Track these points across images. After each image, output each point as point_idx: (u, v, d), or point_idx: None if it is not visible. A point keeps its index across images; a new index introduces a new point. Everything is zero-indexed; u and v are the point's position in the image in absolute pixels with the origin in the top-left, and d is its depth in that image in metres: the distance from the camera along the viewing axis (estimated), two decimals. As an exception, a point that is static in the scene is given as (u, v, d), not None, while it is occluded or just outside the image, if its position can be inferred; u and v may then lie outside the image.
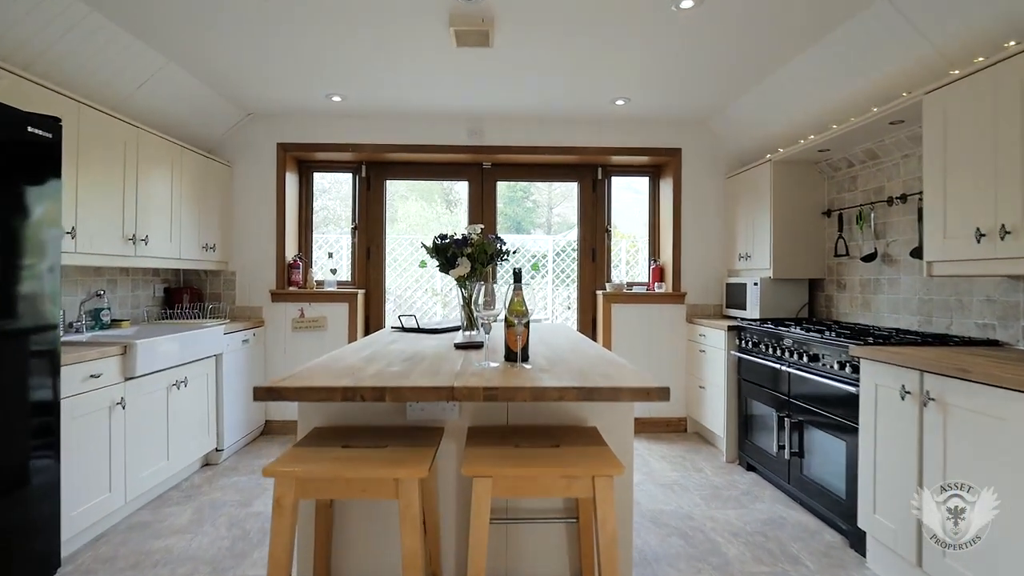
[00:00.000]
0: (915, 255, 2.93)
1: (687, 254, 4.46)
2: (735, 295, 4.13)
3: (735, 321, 3.86)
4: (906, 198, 3.02)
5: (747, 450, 3.58)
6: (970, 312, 2.67)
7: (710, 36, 2.88)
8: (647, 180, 4.79)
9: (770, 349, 3.25)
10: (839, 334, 2.75)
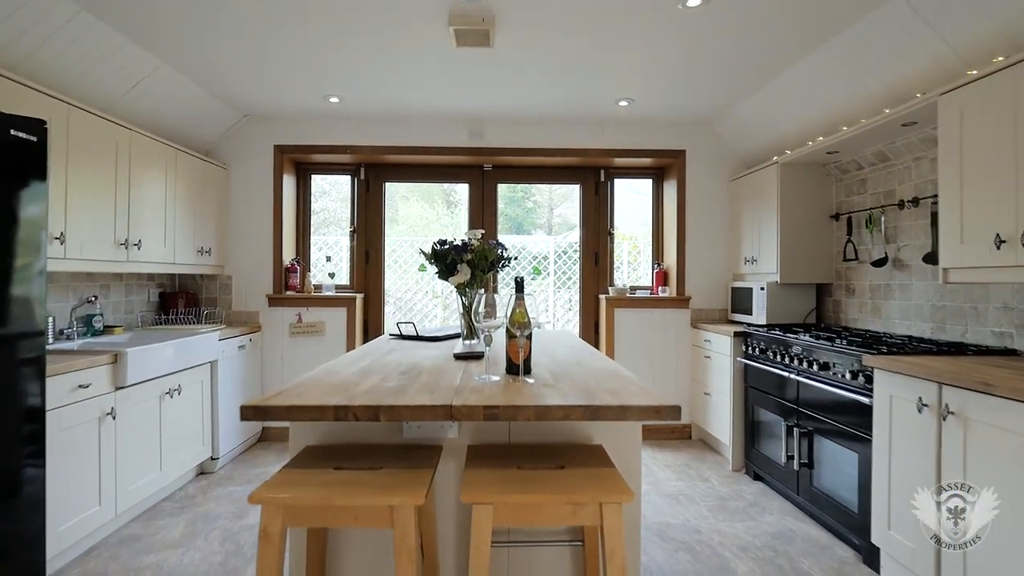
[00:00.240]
0: (928, 260, 2.85)
1: (691, 258, 4.38)
2: (741, 300, 4.05)
3: (741, 327, 3.78)
4: (918, 201, 2.94)
5: (754, 459, 3.49)
6: (986, 320, 2.58)
7: (716, 35, 2.81)
8: (650, 182, 4.71)
9: (778, 356, 3.17)
10: (850, 342, 2.67)
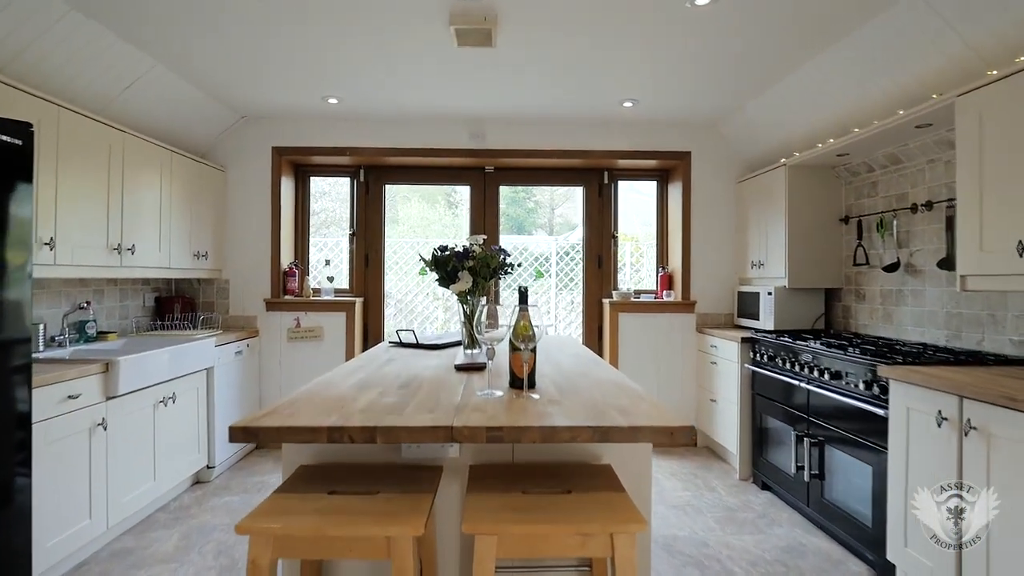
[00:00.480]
0: (943, 266, 2.76)
1: (697, 261, 4.30)
2: (747, 304, 3.97)
3: (748, 332, 3.70)
4: (932, 205, 2.86)
5: (761, 468, 3.41)
6: (1004, 328, 2.50)
7: (724, 34, 2.73)
8: (655, 184, 4.63)
9: (787, 364, 3.09)
10: (863, 351, 2.59)
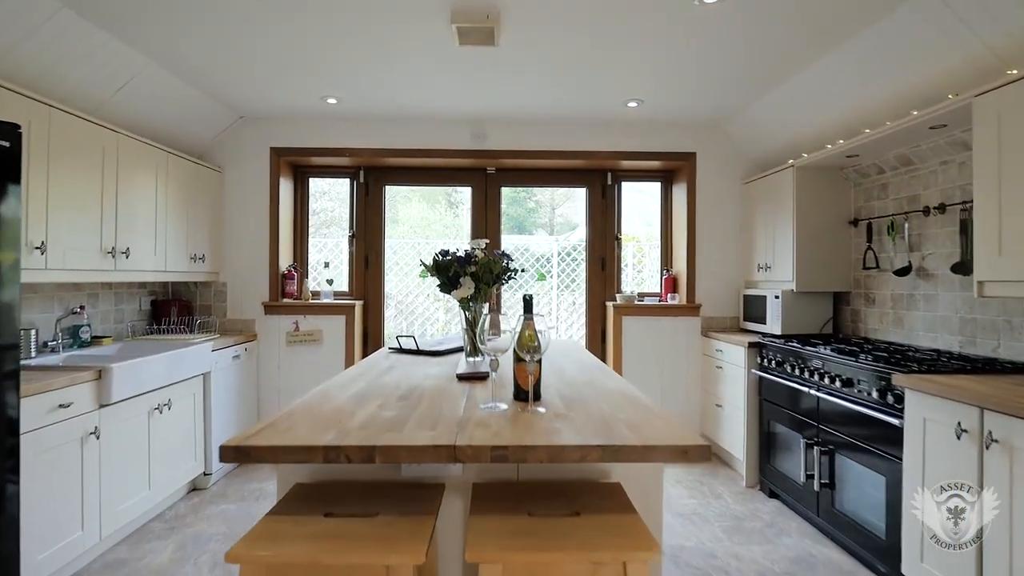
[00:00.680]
0: (957, 271, 2.69)
1: (702, 264, 4.23)
2: (754, 308, 3.90)
3: (755, 336, 3.63)
4: (945, 208, 2.79)
5: (769, 475, 3.35)
6: (1020, 334, 2.43)
7: (731, 33, 2.66)
8: (659, 185, 4.56)
9: (796, 370, 3.02)
10: (876, 357, 2.52)
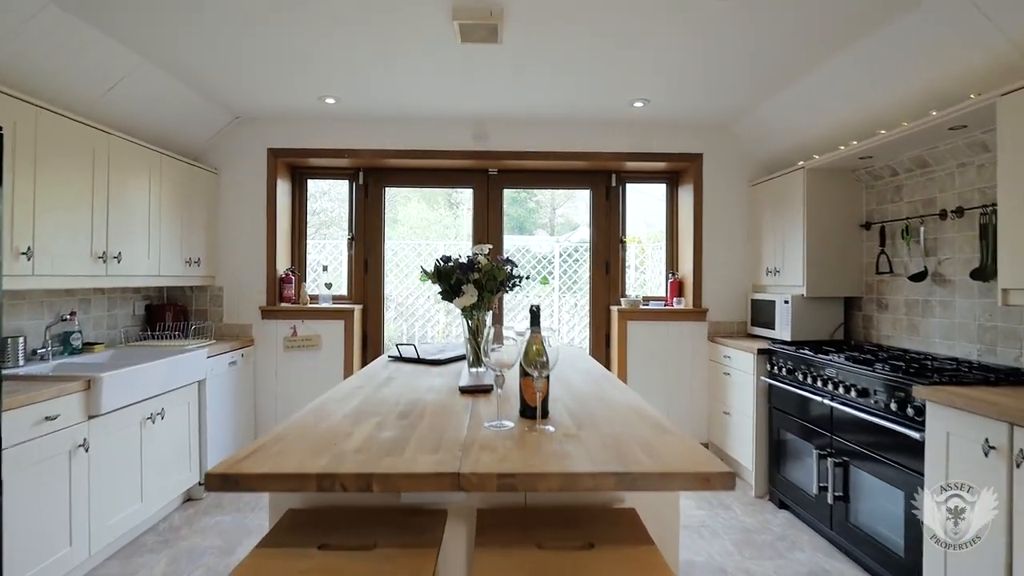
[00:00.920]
0: (977, 277, 2.60)
1: (708, 267, 4.14)
2: (762, 312, 3.81)
3: (764, 342, 3.54)
4: (963, 212, 2.70)
5: (779, 485, 3.26)
6: (1044, 343, 2.35)
7: (745, 29, 2.57)
8: (664, 187, 4.48)
9: (808, 378, 2.93)
10: (893, 367, 2.43)
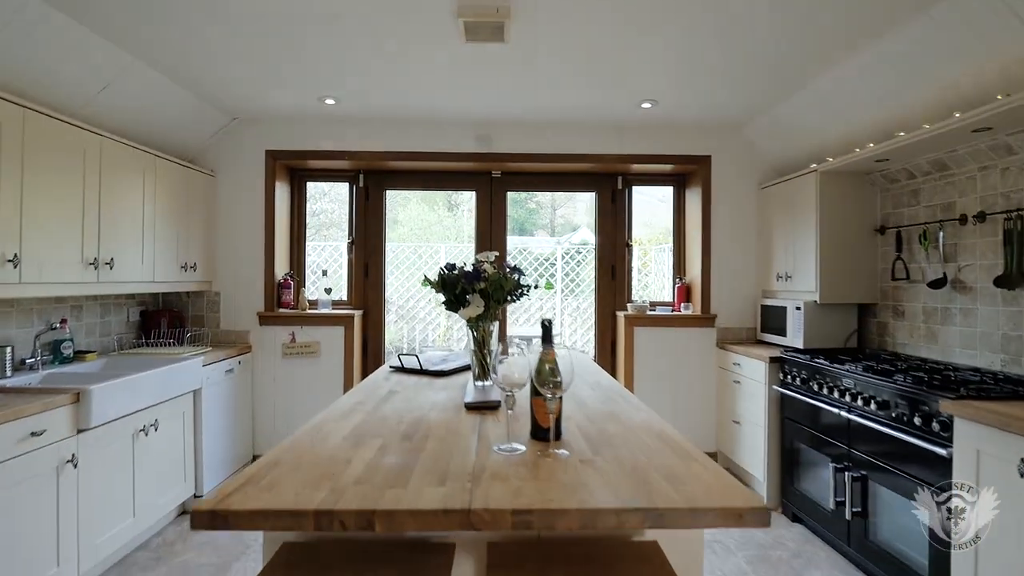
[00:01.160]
0: (1000, 284, 2.50)
1: (717, 272, 4.04)
2: (772, 319, 3.71)
3: (775, 350, 3.44)
4: (985, 217, 2.61)
5: (792, 498, 3.16)
6: (1074, 355, 2.25)
7: (759, 26, 2.47)
8: (666, 188, 4.38)
9: (824, 389, 2.84)
10: (916, 379, 2.33)
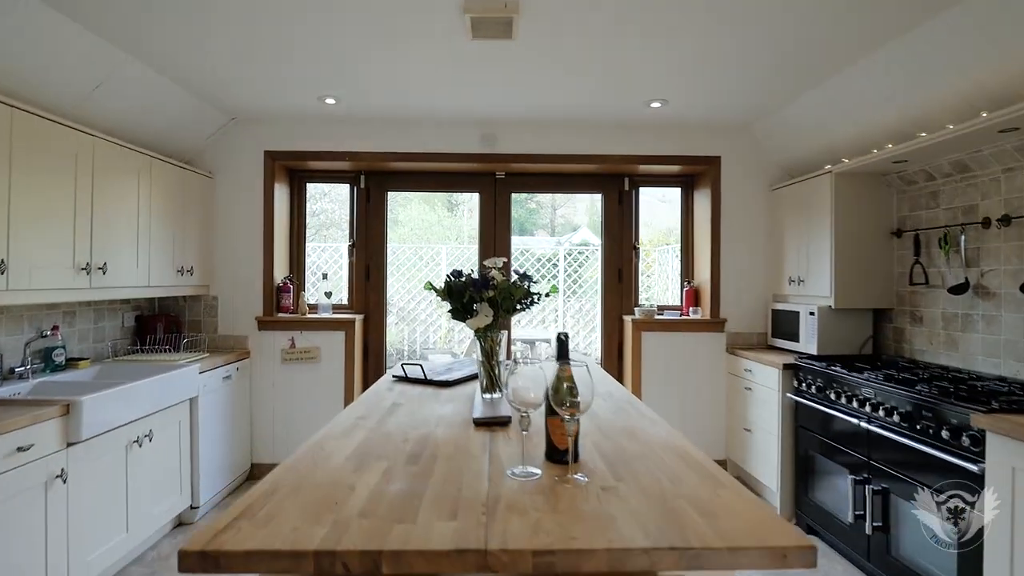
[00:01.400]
0: (1027, 291, 2.42)
1: (727, 276, 3.94)
2: (784, 323, 3.62)
3: (786, 355, 3.35)
4: (1010, 220, 2.52)
5: (806, 509, 3.07)
6: (1107, 365, 2.16)
7: (774, 22, 2.38)
8: (679, 191, 4.29)
9: (842, 398, 2.74)
10: (941, 390, 2.24)
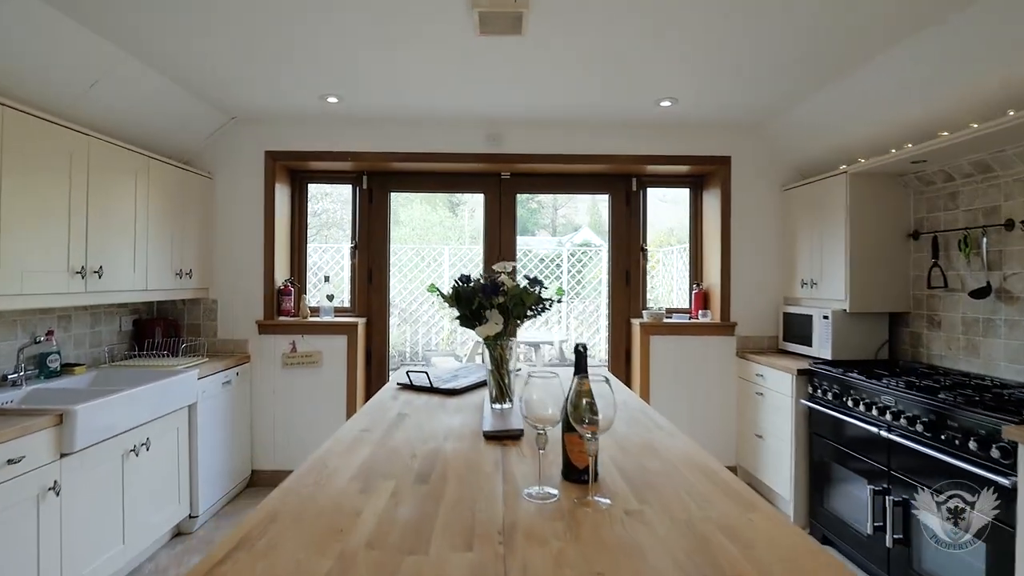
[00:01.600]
0: (1055, 295, 2.34)
1: (737, 278, 3.86)
2: (796, 327, 3.54)
3: (799, 359, 3.27)
4: (1035, 222, 2.44)
5: (821, 519, 2.98)
6: None
7: (791, 17, 2.30)
8: (687, 192, 4.21)
9: (860, 405, 2.66)
10: (966, 398, 2.16)
